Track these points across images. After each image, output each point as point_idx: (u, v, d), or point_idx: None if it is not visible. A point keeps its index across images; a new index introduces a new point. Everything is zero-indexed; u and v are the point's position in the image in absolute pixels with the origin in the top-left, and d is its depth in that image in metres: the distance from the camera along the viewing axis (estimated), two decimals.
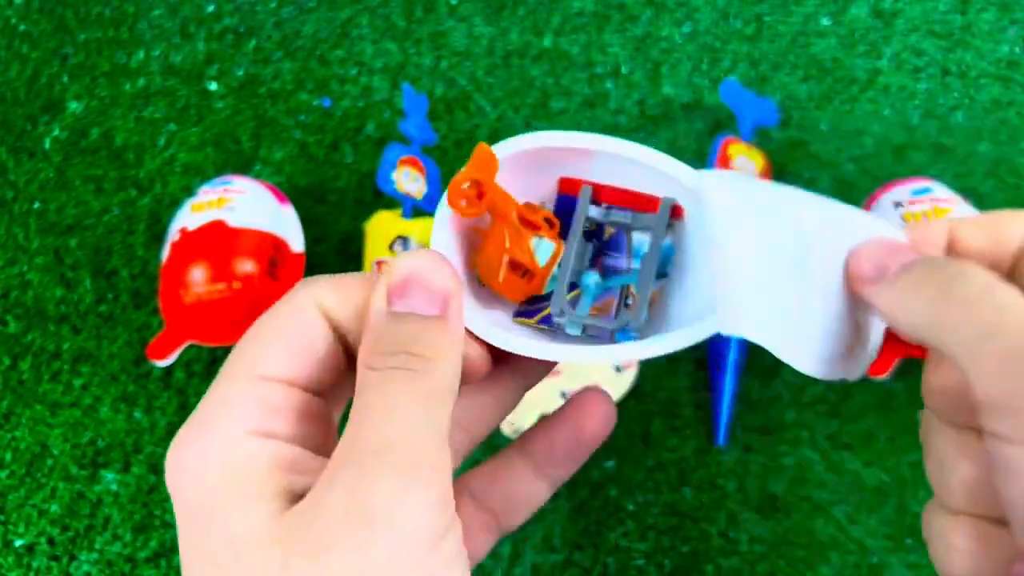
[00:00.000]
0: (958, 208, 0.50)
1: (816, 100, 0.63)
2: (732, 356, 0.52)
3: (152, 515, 0.52)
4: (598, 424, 0.27)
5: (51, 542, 0.52)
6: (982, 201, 0.57)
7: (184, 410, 0.55)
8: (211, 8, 0.71)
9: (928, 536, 0.23)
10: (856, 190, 0.59)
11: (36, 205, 0.64)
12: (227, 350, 0.56)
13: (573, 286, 0.29)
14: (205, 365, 0.56)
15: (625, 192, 0.29)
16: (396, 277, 0.22)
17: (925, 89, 0.63)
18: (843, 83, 0.64)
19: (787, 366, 0.25)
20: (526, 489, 0.27)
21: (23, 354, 0.58)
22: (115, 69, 0.69)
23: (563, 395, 0.49)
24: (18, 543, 0.52)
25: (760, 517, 0.49)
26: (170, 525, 0.52)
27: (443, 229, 0.27)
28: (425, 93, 0.64)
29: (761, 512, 0.49)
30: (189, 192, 0.62)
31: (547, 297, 0.29)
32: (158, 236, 0.61)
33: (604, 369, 0.50)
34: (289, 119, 0.66)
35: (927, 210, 0.50)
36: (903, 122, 0.62)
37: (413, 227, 0.56)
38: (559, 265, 0.29)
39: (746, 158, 0.57)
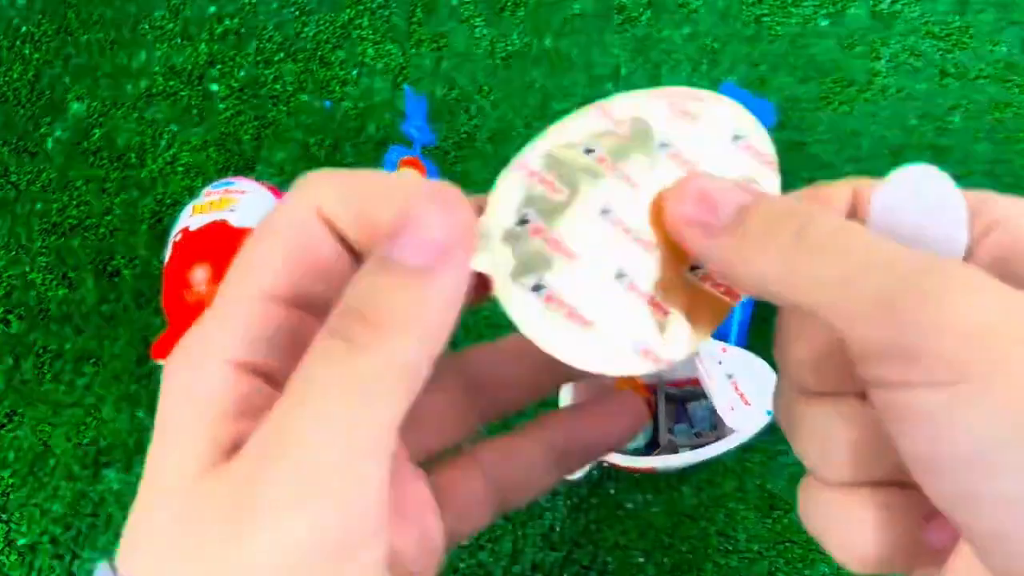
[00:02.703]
0: None
1: (815, 101, 0.64)
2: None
3: None
4: (626, 429, 0.27)
5: (54, 541, 0.52)
6: None
7: None
8: (213, 9, 0.71)
9: (819, 522, 0.20)
10: None
11: (38, 206, 0.64)
12: None
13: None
14: None
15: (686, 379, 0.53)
16: (401, 216, 0.18)
17: (923, 90, 0.63)
18: (841, 84, 0.64)
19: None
20: (538, 473, 0.26)
21: (26, 354, 0.58)
22: (117, 70, 0.69)
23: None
24: (21, 542, 0.52)
25: (758, 516, 0.49)
26: None
27: None
28: (426, 94, 0.65)
29: (759, 510, 0.49)
30: (191, 193, 0.62)
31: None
32: (160, 236, 0.61)
33: None
34: (290, 120, 0.66)
35: None
36: (901, 123, 0.62)
37: None
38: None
39: None
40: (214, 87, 0.68)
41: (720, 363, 0.48)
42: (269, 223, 0.20)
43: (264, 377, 0.19)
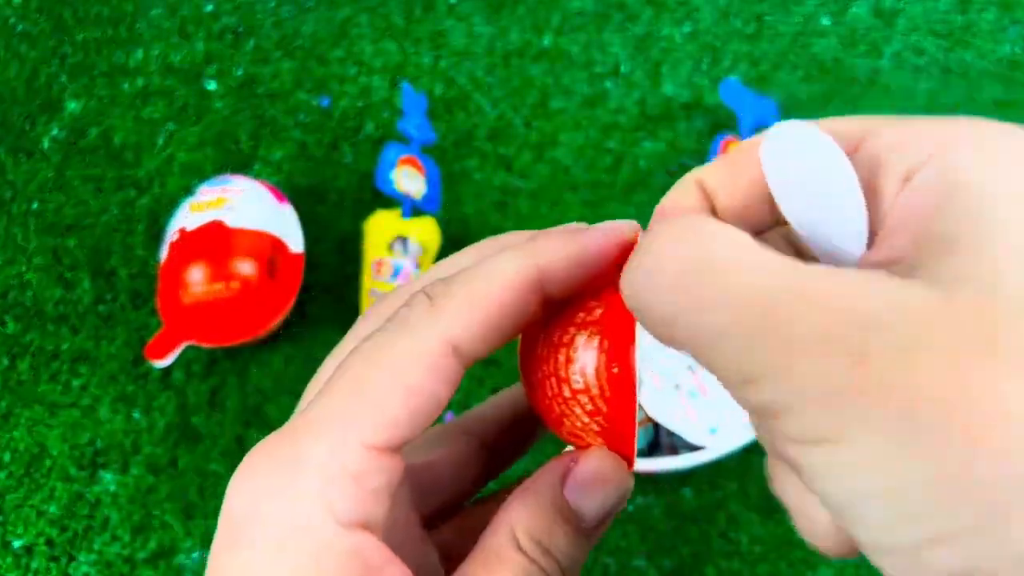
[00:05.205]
0: None
1: (817, 100, 0.63)
2: None
3: (151, 516, 0.52)
4: None
5: (50, 543, 0.52)
6: None
7: (183, 410, 0.55)
8: (210, 8, 0.71)
9: (793, 491, 0.18)
10: None
11: (35, 205, 0.63)
12: (226, 350, 0.56)
13: None
14: (204, 366, 0.56)
15: None
16: (592, 469, 0.20)
17: (926, 89, 0.63)
18: (844, 83, 0.64)
19: None
20: None
21: (22, 354, 0.58)
22: (114, 69, 0.69)
23: None
24: (17, 544, 0.52)
25: (761, 518, 0.49)
26: (169, 526, 0.51)
27: None
28: (424, 92, 0.64)
29: (761, 513, 0.49)
30: (188, 192, 0.62)
31: None
32: (157, 236, 0.61)
33: None
34: (288, 119, 0.65)
35: None
36: None
37: (412, 227, 0.56)
38: None
39: None
40: (211, 85, 0.67)
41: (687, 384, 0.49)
42: (392, 355, 0.18)
43: (366, 528, 0.18)
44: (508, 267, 0.19)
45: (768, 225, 0.18)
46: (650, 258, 0.16)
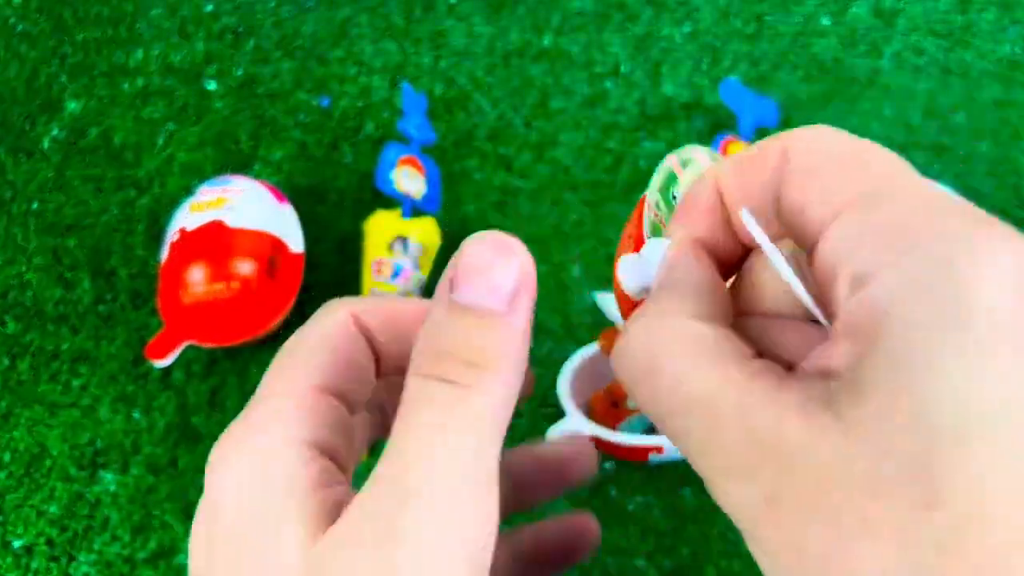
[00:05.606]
0: None
1: (817, 100, 0.63)
2: None
3: (151, 516, 0.52)
4: (581, 474, 0.28)
5: (50, 543, 0.52)
6: (983, 201, 0.57)
7: (183, 410, 0.55)
8: (210, 8, 0.71)
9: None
10: None
11: (35, 205, 0.63)
12: (226, 350, 0.56)
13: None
14: (204, 365, 0.56)
15: None
16: (462, 263, 0.19)
17: (926, 89, 0.63)
18: (843, 83, 0.64)
19: None
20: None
21: (22, 354, 0.58)
22: (114, 69, 0.69)
23: None
24: (17, 544, 0.52)
25: None
26: (169, 526, 0.51)
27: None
28: (424, 92, 0.64)
29: None
30: (188, 192, 0.62)
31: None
32: (157, 236, 0.61)
33: None
34: (288, 119, 0.65)
35: None
36: (904, 121, 0.62)
37: (412, 227, 0.56)
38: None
39: None
40: (211, 85, 0.67)
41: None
42: (310, 329, 0.22)
43: (330, 457, 0.20)
44: (334, 310, 0.22)
45: (777, 236, 0.18)
46: (622, 344, 0.18)
